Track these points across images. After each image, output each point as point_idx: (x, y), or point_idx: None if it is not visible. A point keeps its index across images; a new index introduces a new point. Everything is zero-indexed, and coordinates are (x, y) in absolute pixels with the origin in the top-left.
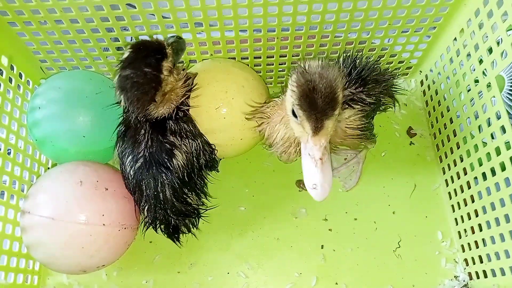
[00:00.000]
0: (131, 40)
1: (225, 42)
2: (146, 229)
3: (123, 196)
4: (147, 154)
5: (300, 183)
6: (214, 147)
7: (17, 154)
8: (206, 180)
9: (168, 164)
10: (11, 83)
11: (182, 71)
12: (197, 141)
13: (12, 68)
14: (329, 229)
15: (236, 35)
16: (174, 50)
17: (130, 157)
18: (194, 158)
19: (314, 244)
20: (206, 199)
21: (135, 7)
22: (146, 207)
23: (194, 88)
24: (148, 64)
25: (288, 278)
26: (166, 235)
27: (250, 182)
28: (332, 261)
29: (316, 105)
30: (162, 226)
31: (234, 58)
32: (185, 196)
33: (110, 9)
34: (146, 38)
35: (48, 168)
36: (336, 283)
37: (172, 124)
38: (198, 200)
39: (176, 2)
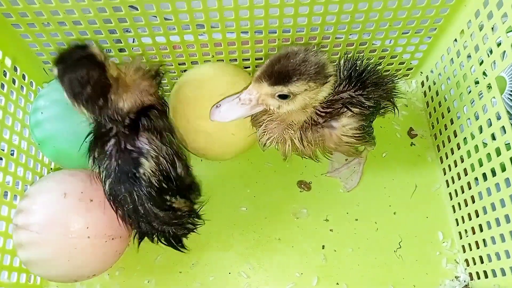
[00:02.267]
0: (133, 42)
1: (226, 43)
2: (140, 242)
3: (109, 206)
4: (116, 168)
5: (301, 184)
6: (185, 156)
7: (20, 154)
8: (192, 177)
9: (136, 175)
10: (15, 84)
11: (136, 63)
12: (167, 145)
13: (15, 69)
14: (330, 230)
15: (238, 36)
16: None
17: (104, 172)
18: (167, 163)
19: (315, 244)
20: (198, 195)
21: (137, 9)
22: (130, 222)
23: (160, 78)
24: (79, 58)
25: (289, 278)
26: (168, 245)
27: (251, 183)
28: (333, 261)
29: (274, 66)
30: (162, 239)
31: (236, 60)
32: (168, 203)
33: (112, 11)
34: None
35: (51, 169)
36: (337, 283)
37: (146, 122)
38: (188, 201)
39: (178, 4)
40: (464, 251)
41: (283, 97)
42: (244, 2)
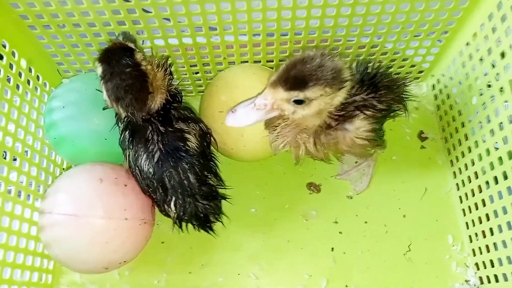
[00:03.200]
0: (142, 44)
1: (238, 46)
2: (180, 224)
3: (141, 192)
4: (161, 146)
5: (311, 186)
6: (210, 131)
7: (34, 154)
8: (217, 161)
9: (184, 148)
10: (29, 85)
11: (151, 57)
12: (200, 125)
13: (30, 70)
14: (339, 232)
15: (250, 38)
16: (132, 43)
17: (144, 156)
18: (202, 139)
19: (324, 246)
20: (222, 181)
21: (151, 12)
22: (173, 201)
23: (171, 68)
24: (126, 65)
25: (298, 279)
26: (199, 227)
27: (261, 184)
28: (342, 264)
29: (289, 71)
30: (193, 220)
31: (247, 62)
32: (206, 178)
33: (127, 13)
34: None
35: (63, 169)
36: (346, 286)
37: (175, 113)
38: (218, 181)
39: (192, 7)
40: (475, 255)
41: (298, 102)
42: (257, 5)
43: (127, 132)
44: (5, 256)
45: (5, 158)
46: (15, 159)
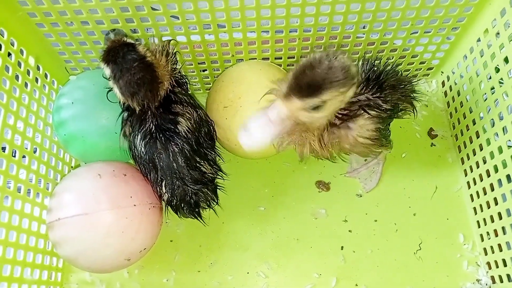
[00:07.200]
0: (148, 40)
1: (246, 43)
2: (174, 209)
3: (142, 178)
4: (153, 128)
5: (320, 184)
6: (212, 121)
7: (43, 152)
8: (218, 150)
9: (175, 130)
10: (37, 83)
11: (152, 45)
12: (198, 111)
13: (38, 68)
14: (349, 230)
15: (258, 36)
16: (125, 37)
17: (139, 135)
18: (198, 126)
19: (333, 245)
20: (221, 170)
21: (159, 10)
22: (164, 182)
23: (174, 52)
24: (133, 60)
25: (307, 278)
26: (187, 212)
27: (269, 182)
28: (352, 262)
29: (301, 79)
30: (182, 204)
31: (255, 59)
32: (197, 164)
33: (135, 10)
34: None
35: (72, 167)
36: (356, 285)
37: (174, 97)
38: (212, 169)
39: (201, 4)
40: (486, 254)
41: (315, 107)
42: (266, 2)
43: (126, 111)
44: (15, 254)
45: (14, 156)
46: (24, 157)
